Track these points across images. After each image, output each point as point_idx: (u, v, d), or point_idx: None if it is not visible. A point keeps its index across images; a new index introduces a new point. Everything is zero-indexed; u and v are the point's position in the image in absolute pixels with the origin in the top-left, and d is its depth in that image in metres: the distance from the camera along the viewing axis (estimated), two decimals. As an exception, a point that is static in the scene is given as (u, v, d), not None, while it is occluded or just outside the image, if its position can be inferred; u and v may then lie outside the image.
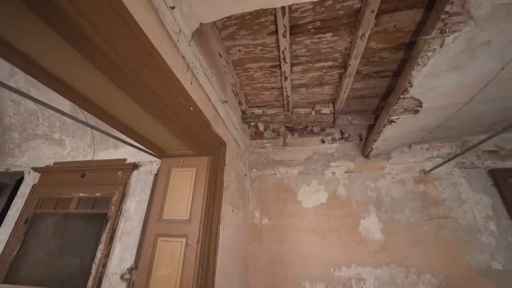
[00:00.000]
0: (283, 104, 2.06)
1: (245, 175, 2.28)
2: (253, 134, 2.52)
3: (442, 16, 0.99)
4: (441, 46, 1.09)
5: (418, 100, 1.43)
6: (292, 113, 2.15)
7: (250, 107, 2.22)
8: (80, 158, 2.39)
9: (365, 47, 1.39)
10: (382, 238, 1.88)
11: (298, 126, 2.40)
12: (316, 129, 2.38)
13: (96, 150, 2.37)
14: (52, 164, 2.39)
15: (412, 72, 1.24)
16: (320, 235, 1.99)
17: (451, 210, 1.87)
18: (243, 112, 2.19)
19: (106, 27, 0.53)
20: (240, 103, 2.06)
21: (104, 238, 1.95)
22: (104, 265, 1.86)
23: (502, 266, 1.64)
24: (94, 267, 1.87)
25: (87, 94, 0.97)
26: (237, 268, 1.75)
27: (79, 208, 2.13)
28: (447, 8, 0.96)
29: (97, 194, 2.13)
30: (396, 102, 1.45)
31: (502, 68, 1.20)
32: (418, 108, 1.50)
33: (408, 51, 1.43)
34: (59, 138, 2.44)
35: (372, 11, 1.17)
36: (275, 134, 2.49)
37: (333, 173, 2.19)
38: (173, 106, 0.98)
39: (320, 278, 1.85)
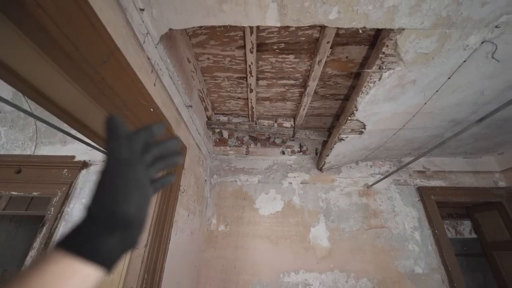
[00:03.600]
0: (248, 115, 2.15)
1: (205, 180, 2.28)
2: (217, 140, 2.55)
3: (380, 55, 1.19)
4: (379, 79, 1.30)
5: (362, 122, 1.64)
6: (256, 124, 2.25)
7: (216, 114, 2.25)
8: (18, 151, 2.11)
9: (321, 72, 1.57)
10: (328, 245, 2.04)
11: (261, 136, 2.51)
12: (277, 141, 2.51)
13: (39, 144, 2.13)
14: (-21, 156, 2.07)
15: (358, 98, 1.43)
16: (273, 242, 2.07)
17: (386, 221, 2.13)
18: (209, 118, 2.21)
19: (67, 23, 0.53)
20: (206, 109, 2.09)
21: (37, 243, 1.74)
22: (34, 274, 1.65)
23: (422, 270, 1.92)
24: (20, 276, 1.65)
25: (35, 82, 0.91)
26: (188, 275, 1.71)
27: (10, 208, 1.88)
28: (384, 49, 1.16)
29: (34, 193, 1.91)
30: (345, 123, 1.65)
31: (425, 103, 1.47)
32: (363, 130, 1.72)
33: (356, 80, 1.64)
34: (-8, 127, 2.13)
35: (328, 42, 1.34)
36: (239, 142, 2.56)
37: (290, 183, 2.33)
38: (132, 105, 0.98)
39: (270, 284, 1.92)
